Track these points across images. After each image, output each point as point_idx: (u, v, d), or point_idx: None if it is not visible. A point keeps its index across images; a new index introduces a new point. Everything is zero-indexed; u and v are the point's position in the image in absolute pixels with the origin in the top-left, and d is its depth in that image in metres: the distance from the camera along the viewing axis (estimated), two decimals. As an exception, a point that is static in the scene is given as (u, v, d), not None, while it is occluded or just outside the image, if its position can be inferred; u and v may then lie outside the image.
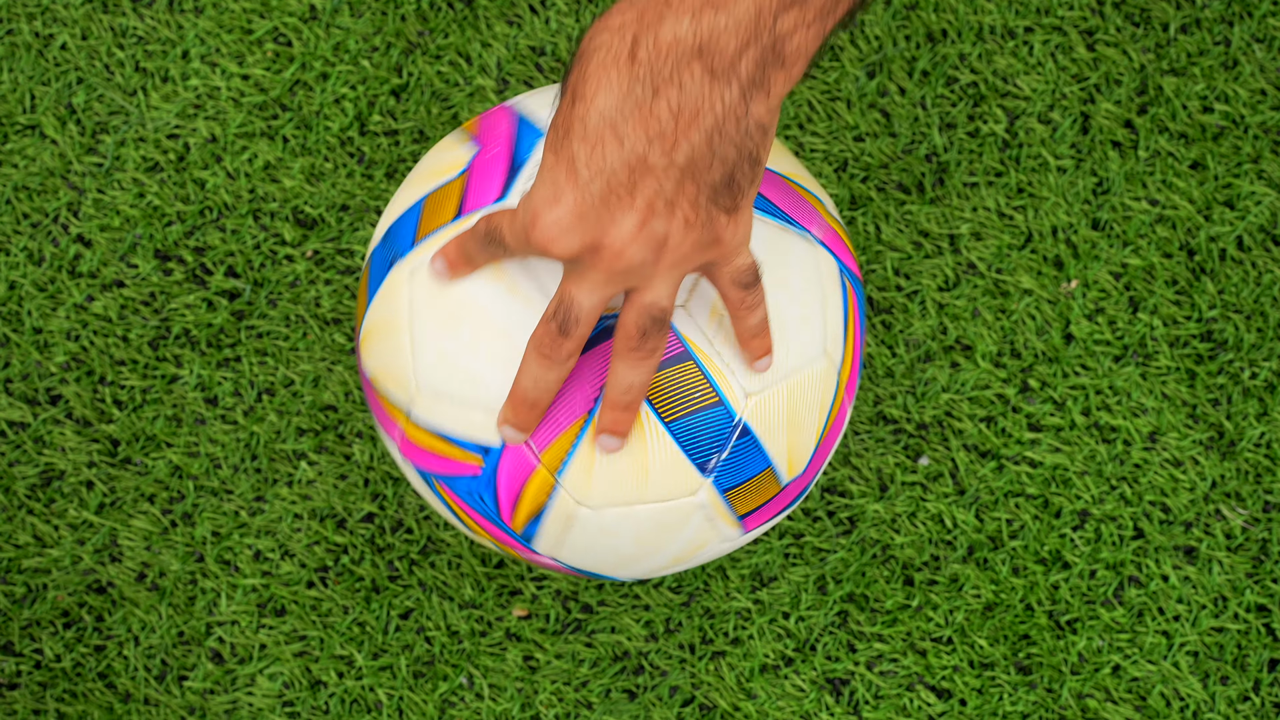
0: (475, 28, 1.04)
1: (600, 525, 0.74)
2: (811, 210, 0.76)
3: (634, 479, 0.72)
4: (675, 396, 0.71)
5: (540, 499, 0.73)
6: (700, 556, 0.78)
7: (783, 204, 0.75)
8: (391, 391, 0.74)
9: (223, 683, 0.95)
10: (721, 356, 0.71)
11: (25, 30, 1.04)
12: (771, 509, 0.77)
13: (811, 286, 0.74)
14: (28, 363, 0.99)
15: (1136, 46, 1.03)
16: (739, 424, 0.72)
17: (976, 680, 0.95)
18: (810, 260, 0.75)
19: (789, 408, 0.74)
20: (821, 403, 0.75)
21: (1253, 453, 0.98)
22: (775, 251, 0.73)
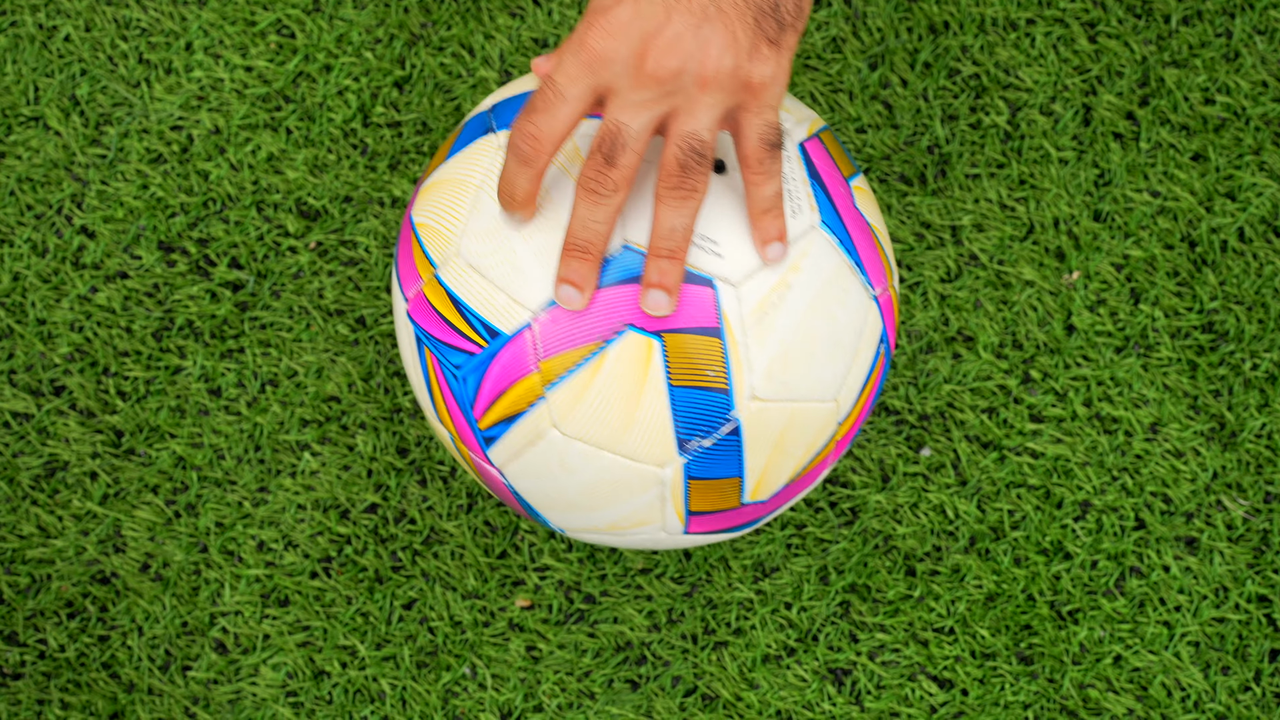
0: (478, 19, 1.04)
1: (562, 455, 0.73)
2: (882, 272, 0.77)
3: (616, 424, 0.72)
4: (690, 364, 0.71)
5: (519, 405, 0.72)
6: (632, 536, 0.77)
7: (863, 253, 0.75)
8: (430, 244, 0.74)
9: (226, 673, 0.95)
10: (748, 350, 0.72)
11: (29, 22, 1.04)
12: (720, 521, 0.77)
13: (851, 333, 0.75)
14: (32, 354, 1.00)
15: (1138, 38, 1.03)
16: (733, 420, 0.73)
17: (978, 670, 0.95)
18: (862, 312, 0.75)
19: (783, 430, 0.74)
20: (812, 442, 0.75)
21: (1254, 444, 0.98)
22: (838, 287, 0.74)
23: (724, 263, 0.71)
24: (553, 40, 1.04)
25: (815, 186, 0.74)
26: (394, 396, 0.98)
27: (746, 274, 0.72)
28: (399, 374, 0.99)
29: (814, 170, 0.74)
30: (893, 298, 0.78)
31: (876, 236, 0.77)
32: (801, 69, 1.03)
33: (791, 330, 0.72)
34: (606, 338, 0.71)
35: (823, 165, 0.75)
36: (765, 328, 0.72)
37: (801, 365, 0.73)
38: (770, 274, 0.72)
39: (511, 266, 0.71)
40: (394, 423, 0.98)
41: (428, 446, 0.98)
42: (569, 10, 1.04)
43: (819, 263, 0.73)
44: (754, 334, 0.72)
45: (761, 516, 0.78)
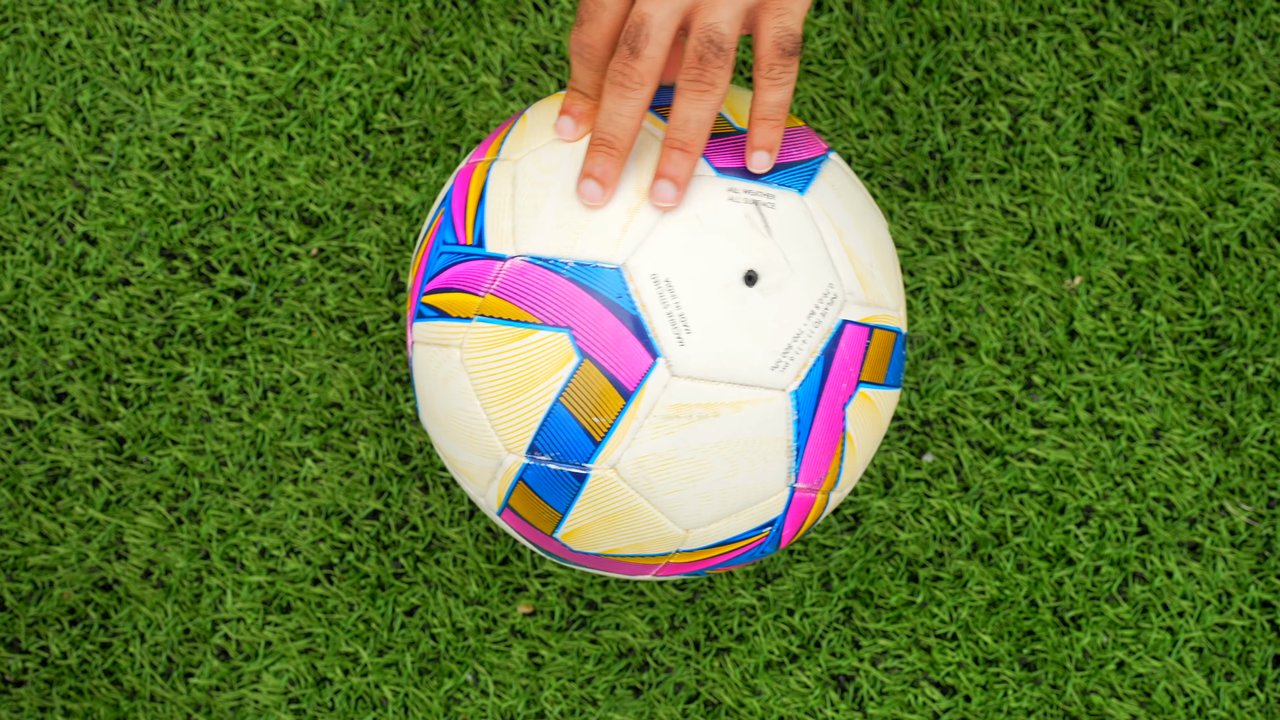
0: (479, 26, 1.04)
1: (449, 374, 0.75)
2: (822, 474, 0.78)
3: (500, 391, 0.74)
4: (585, 398, 0.72)
5: (453, 310, 0.75)
6: (461, 480, 0.78)
7: (812, 447, 0.76)
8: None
9: (228, 680, 0.95)
10: (638, 434, 0.73)
11: (31, 29, 1.04)
12: (528, 531, 0.78)
13: (741, 496, 0.75)
14: (34, 361, 1.00)
15: (1140, 43, 1.03)
16: (584, 469, 0.73)
17: (981, 676, 0.95)
18: (767, 489, 0.76)
19: (620, 512, 0.75)
20: (642, 543, 0.77)
21: (1257, 449, 0.98)
22: (758, 453, 0.74)
23: (681, 350, 0.72)
24: (554, 46, 1.04)
25: (819, 363, 0.74)
26: (396, 403, 0.98)
27: (690, 374, 0.72)
28: (400, 380, 0.99)
29: (831, 353, 0.74)
30: (816, 502, 0.78)
31: (844, 444, 0.76)
32: (804, 75, 1.03)
33: (687, 448, 0.73)
34: (545, 323, 0.72)
35: (846, 355, 0.75)
36: (665, 428, 0.72)
37: (673, 481, 0.73)
38: (703, 396, 0.72)
39: (534, 207, 0.73)
40: (396, 429, 0.98)
41: (429, 453, 0.98)
42: (570, 17, 1.04)
43: (758, 422, 0.73)
44: (652, 425, 0.72)
45: (568, 559, 0.79)
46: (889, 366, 0.77)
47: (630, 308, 0.71)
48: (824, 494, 0.77)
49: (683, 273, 0.72)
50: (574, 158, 0.74)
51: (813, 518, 0.77)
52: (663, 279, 0.71)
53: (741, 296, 0.72)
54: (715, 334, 0.72)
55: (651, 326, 0.71)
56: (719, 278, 0.72)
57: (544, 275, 0.72)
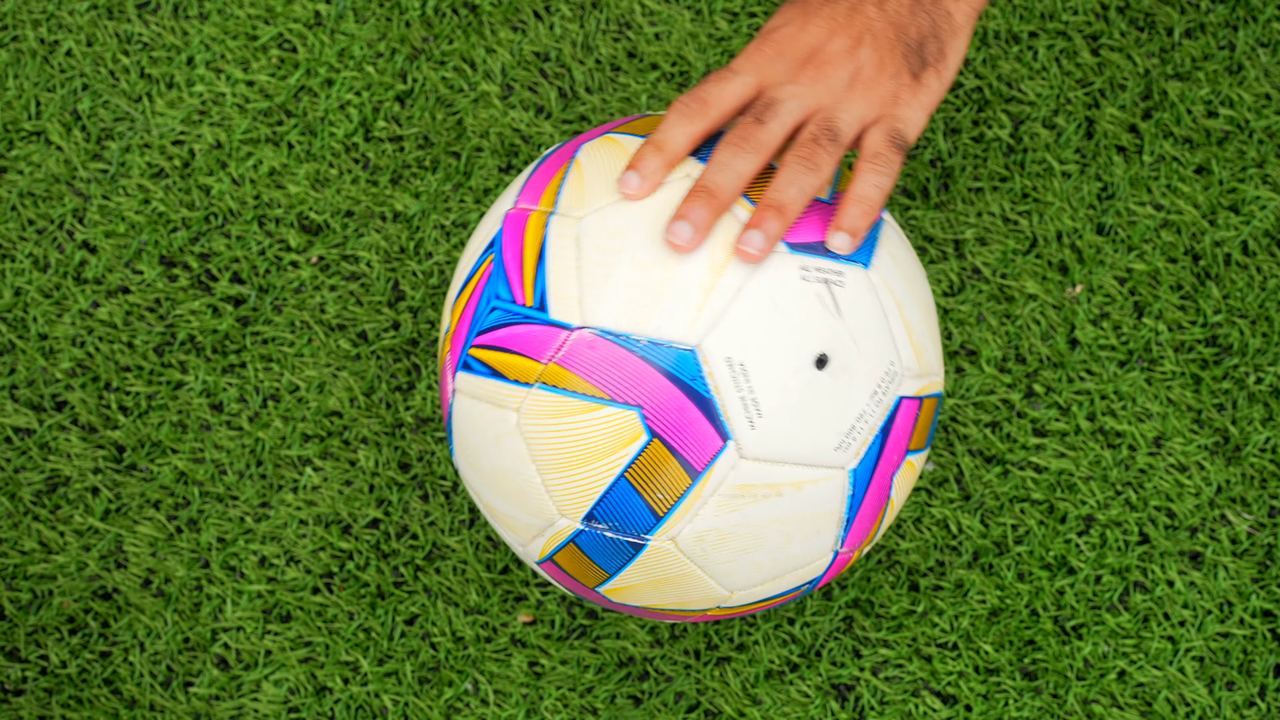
0: (479, 33, 1.04)
1: (500, 435, 0.75)
2: (864, 536, 0.80)
3: (560, 460, 0.73)
4: (651, 477, 0.73)
5: (510, 373, 0.74)
6: (501, 530, 0.79)
7: (861, 517, 0.78)
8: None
9: (228, 689, 0.95)
10: (701, 510, 0.74)
11: (30, 37, 1.04)
12: (567, 582, 0.79)
13: (789, 562, 0.77)
14: (33, 369, 0.99)
15: (1141, 51, 1.03)
16: (643, 540, 0.74)
17: (982, 686, 0.95)
18: (814, 556, 0.78)
19: (671, 578, 0.76)
20: (687, 601, 0.78)
21: (1258, 458, 0.98)
22: (811, 526, 0.76)
23: (752, 433, 0.72)
24: (554, 54, 1.04)
25: (876, 440, 0.75)
26: (396, 411, 0.98)
27: (758, 457, 0.72)
28: (400, 389, 0.99)
29: (888, 430, 0.76)
30: (852, 558, 0.80)
31: (887, 509, 0.79)
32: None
33: (748, 524, 0.74)
34: (614, 399, 0.71)
35: (900, 429, 0.76)
36: (730, 506, 0.73)
37: (728, 553, 0.74)
38: (769, 477, 0.73)
39: (604, 276, 0.72)
40: (396, 438, 0.98)
41: (430, 461, 0.98)
42: (570, 24, 1.04)
43: (815, 498, 0.74)
44: (716, 503, 0.73)
45: (606, 607, 0.81)
46: (930, 429, 0.79)
47: (704, 390, 0.71)
48: (860, 552, 0.80)
49: (757, 356, 0.72)
50: (643, 221, 0.73)
51: (846, 570, 0.79)
52: (737, 363, 0.71)
53: (812, 380, 0.72)
54: (785, 417, 0.72)
55: (724, 409, 0.71)
56: (792, 361, 0.72)
57: (614, 350, 0.72)
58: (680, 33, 1.03)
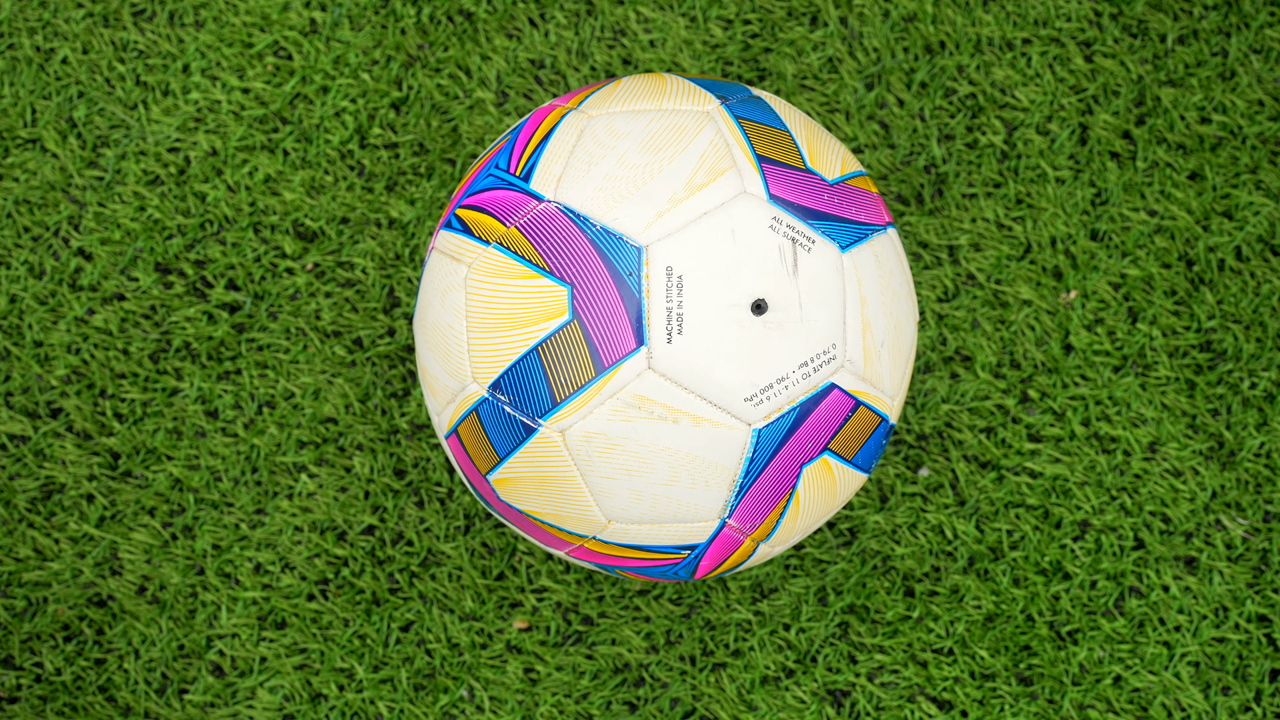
0: (475, 41, 1.04)
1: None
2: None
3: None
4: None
5: (739, 560, 0.79)
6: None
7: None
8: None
9: (223, 696, 0.95)
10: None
11: (26, 44, 1.04)
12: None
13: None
14: (28, 376, 0.99)
15: (1134, 58, 1.03)
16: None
17: (978, 691, 0.95)
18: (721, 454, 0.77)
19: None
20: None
21: (1253, 462, 0.98)
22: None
23: (667, 348, 0.73)
24: (549, 61, 1.04)
25: (793, 413, 0.76)
26: (391, 418, 0.98)
27: (665, 373, 0.73)
28: (395, 395, 0.99)
29: (809, 409, 0.76)
30: (742, 546, 0.79)
31: (790, 501, 0.78)
32: (799, 89, 1.03)
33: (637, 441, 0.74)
34: (551, 272, 0.73)
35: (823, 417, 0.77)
36: (624, 415, 0.74)
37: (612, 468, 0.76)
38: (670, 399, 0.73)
39: (588, 163, 0.74)
40: (391, 444, 0.98)
41: (425, 468, 0.98)
42: (565, 32, 1.04)
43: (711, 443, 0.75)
44: (612, 406, 0.74)
45: (494, 506, 0.80)
46: (863, 447, 0.77)
47: (636, 289, 0.72)
48: (753, 541, 0.78)
49: (697, 276, 0.72)
50: (644, 131, 0.74)
51: (734, 560, 0.77)
52: (676, 274, 0.72)
53: (743, 321, 0.72)
54: (705, 345, 0.72)
55: (648, 314, 0.72)
56: (730, 296, 0.72)
57: (570, 228, 0.73)
58: (675, 40, 1.04)
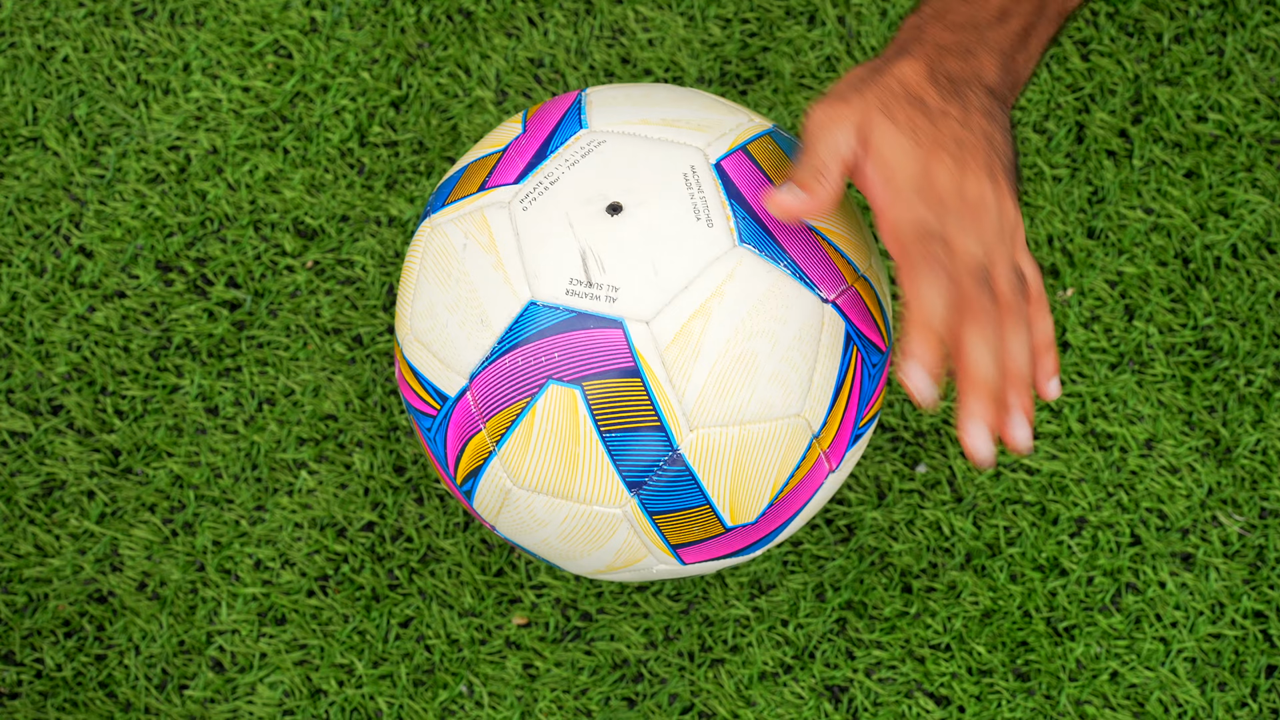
0: (474, 40, 1.04)
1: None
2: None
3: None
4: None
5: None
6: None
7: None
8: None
9: (223, 691, 0.95)
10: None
11: (28, 43, 1.04)
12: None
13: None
14: (29, 373, 1.00)
15: (1131, 56, 1.04)
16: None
17: (975, 687, 0.95)
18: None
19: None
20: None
21: (1249, 459, 0.98)
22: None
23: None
24: (548, 60, 1.04)
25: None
26: (390, 415, 0.99)
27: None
28: (395, 392, 0.99)
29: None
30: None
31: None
32: (796, 88, 1.03)
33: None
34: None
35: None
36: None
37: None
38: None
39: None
40: (391, 441, 0.98)
41: (424, 465, 0.98)
42: (564, 30, 1.04)
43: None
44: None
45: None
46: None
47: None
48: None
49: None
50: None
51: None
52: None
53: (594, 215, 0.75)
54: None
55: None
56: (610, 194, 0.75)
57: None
58: (673, 39, 1.04)
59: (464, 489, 0.79)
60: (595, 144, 0.76)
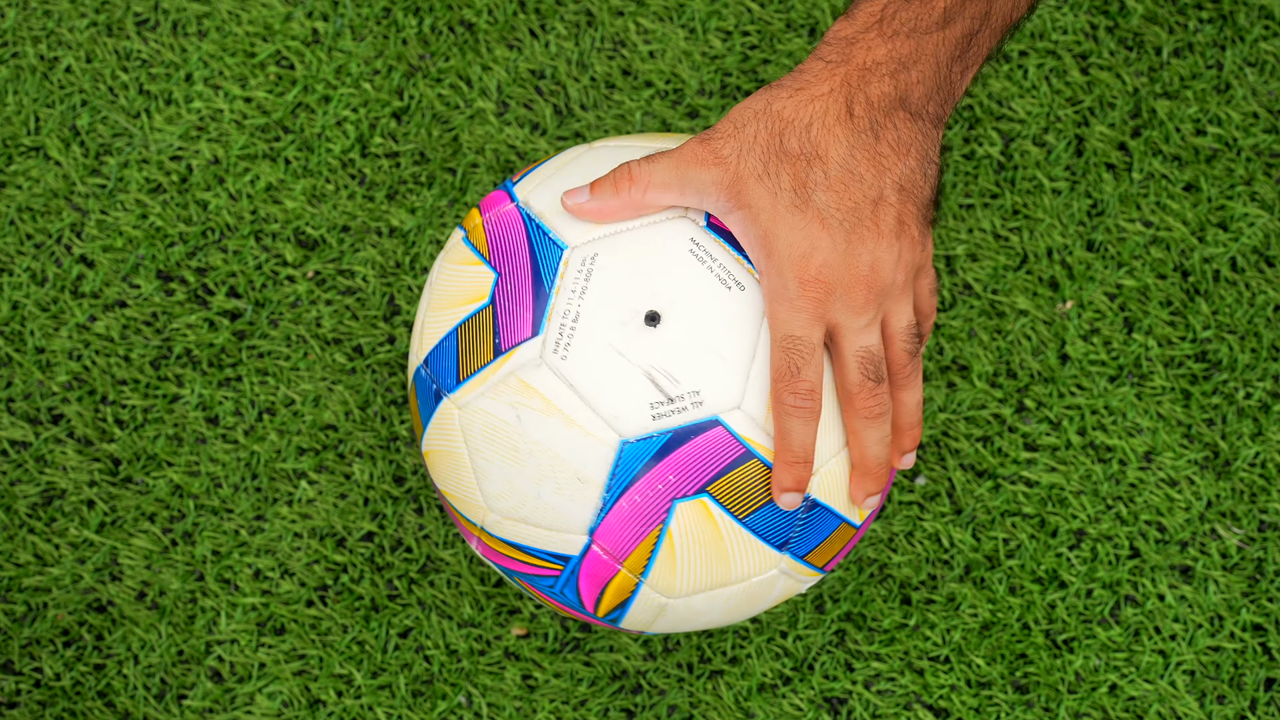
0: (475, 51, 1.05)
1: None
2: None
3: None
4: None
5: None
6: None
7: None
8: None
9: (222, 701, 0.95)
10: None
11: (30, 53, 1.05)
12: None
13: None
14: (30, 382, 1.00)
15: (1130, 70, 1.04)
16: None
17: (974, 699, 0.95)
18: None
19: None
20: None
21: (1248, 472, 0.98)
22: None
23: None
24: (549, 71, 1.04)
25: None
26: (391, 425, 0.99)
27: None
28: (395, 402, 0.99)
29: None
30: (618, 576, 0.78)
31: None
32: (796, 100, 1.03)
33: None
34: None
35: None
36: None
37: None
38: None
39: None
40: (391, 451, 0.98)
41: (424, 475, 0.98)
42: (565, 42, 1.05)
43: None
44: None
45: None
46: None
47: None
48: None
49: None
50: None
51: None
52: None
53: (637, 332, 0.72)
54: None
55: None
56: (632, 306, 0.72)
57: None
58: (674, 51, 1.04)
59: (609, 619, 0.78)
60: (589, 259, 0.73)
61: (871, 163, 0.70)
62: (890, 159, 0.70)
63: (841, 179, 0.70)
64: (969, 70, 0.73)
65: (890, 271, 0.71)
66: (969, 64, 0.72)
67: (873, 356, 0.72)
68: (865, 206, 0.70)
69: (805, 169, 0.70)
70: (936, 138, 0.72)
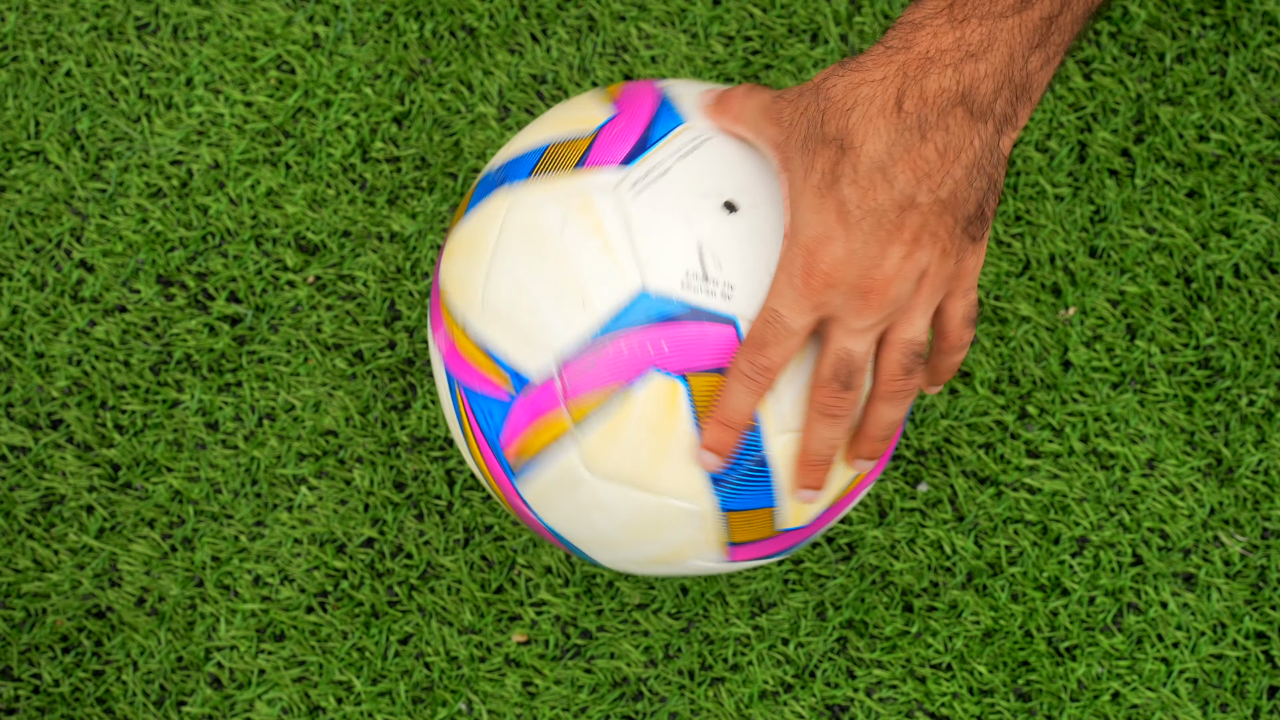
0: (477, 56, 1.04)
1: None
2: None
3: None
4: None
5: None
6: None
7: None
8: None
9: (221, 708, 0.95)
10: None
11: (30, 57, 1.04)
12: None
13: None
14: (29, 387, 1.00)
15: (1133, 76, 1.04)
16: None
17: (976, 707, 0.95)
18: None
19: None
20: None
21: (1251, 479, 0.98)
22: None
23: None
24: (551, 76, 1.04)
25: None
26: (391, 431, 0.98)
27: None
28: (396, 408, 0.99)
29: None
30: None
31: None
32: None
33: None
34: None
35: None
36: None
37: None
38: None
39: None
40: (391, 457, 0.98)
41: (424, 481, 0.98)
42: (567, 47, 1.05)
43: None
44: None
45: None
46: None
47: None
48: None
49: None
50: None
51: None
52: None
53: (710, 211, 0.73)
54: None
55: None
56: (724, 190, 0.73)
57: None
58: (676, 56, 1.04)
59: (515, 473, 0.76)
60: (701, 140, 0.74)
61: (909, 165, 0.65)
62: (933, 164, 0.65)
63: (869, 177, 0.65)
64: (1050, 62, 0.66)
65: (906, 284, 0.67)
66: (1050, 54, 0.66)
67: (850, 361, 0.69)
68: (890, 211, 0.65)
69: (838, 156, 0.66)
70: (996, 144, 0.66)
